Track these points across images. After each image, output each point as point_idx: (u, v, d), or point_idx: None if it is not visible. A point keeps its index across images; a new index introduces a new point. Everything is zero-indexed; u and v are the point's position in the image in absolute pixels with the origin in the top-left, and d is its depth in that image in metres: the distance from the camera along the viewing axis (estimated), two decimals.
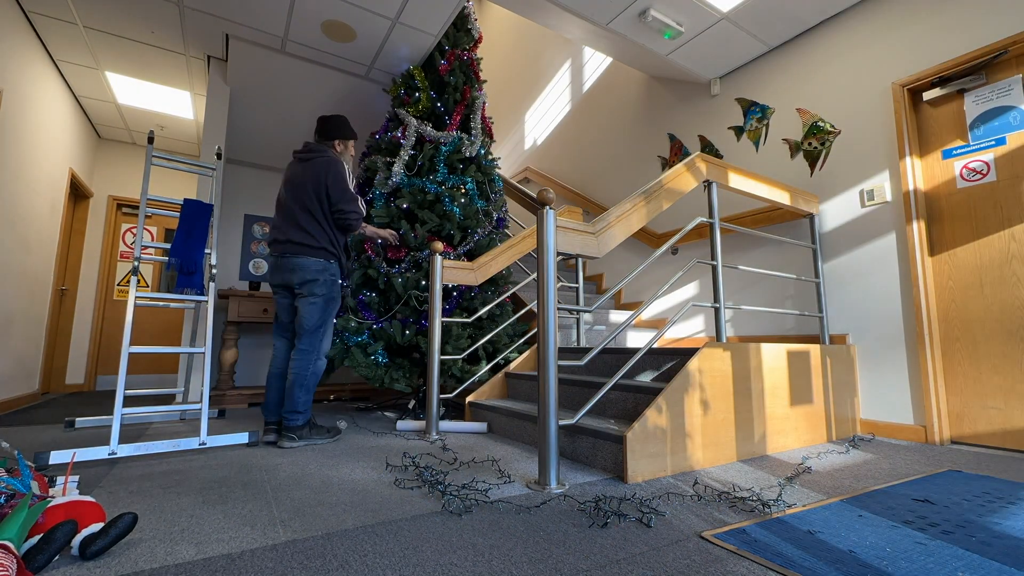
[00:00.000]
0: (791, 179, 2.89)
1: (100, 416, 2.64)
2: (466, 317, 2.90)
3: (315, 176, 2.22)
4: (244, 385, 4.06)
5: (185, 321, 3.21)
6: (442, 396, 2.69)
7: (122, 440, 2.23)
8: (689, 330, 3.37)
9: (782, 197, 2.53)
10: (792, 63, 2.95)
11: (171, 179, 5.30)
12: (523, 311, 3.00)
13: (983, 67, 2.23)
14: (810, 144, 2.80)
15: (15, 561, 0.87)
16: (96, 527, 1.04)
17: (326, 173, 2.21)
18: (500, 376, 2.77)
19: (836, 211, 2.66)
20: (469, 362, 2.92)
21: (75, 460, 1.85)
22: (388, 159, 3.12)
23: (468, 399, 2.67)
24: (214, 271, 2.45)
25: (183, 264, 2.39)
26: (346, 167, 2.29)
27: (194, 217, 2.47)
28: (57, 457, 1.77)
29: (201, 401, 2.35)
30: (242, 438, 2.14)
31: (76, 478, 1.31)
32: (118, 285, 5.02)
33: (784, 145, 2.94)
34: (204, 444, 2.03)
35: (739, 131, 3.21)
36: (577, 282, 3.26)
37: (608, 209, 2.34)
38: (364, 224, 2.61)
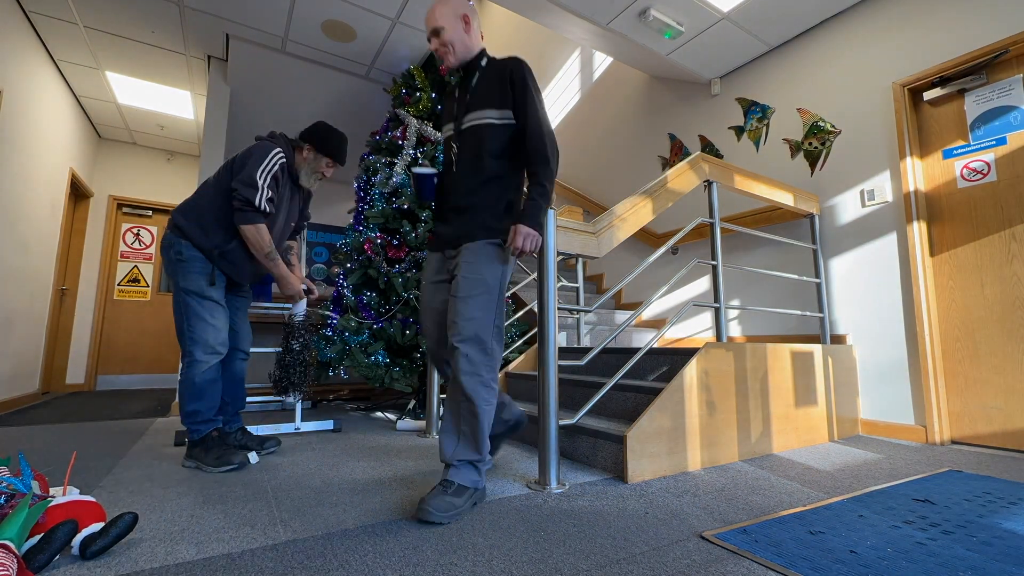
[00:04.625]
0: (791, 179, 2.89)
1: None
2: None
3: (239, 154, 1.88)
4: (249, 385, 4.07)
5: None
6: (442, 396, 2.69)
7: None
8: (691, 330, 3.37)
9: (783, 197, 2.53)
10: (792, 63, 2.94)
11: (171, 180, 5.30)
12: (523, 311, 3.00)
13: (984, 67, 2.22)
14: (810, 144, 2.80)
15: (15, 561, 0.87)
16: (96, 527, 1.04)
17: (245, 152, 1.86)
18: (500, 376, 2.76)
19: (837, 211, 2.66)
20: None
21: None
22: (388, 159, 3.12)
23: None
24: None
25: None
26: (274, 162, 1.84)
27: None
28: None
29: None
30: (328, 424, 2.55)
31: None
32: (118, 285, 5.02)
33: (784, 145, 2.94)
34: (299, 429, 2.46)
35: (739, 131, 3.20)
36: (577, 282, 3.25)
37: (608, 209, 2.34)
38: (259, 238, 1.82)
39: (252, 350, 2.59)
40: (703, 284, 3.33)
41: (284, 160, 1.88)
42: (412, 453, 1.99)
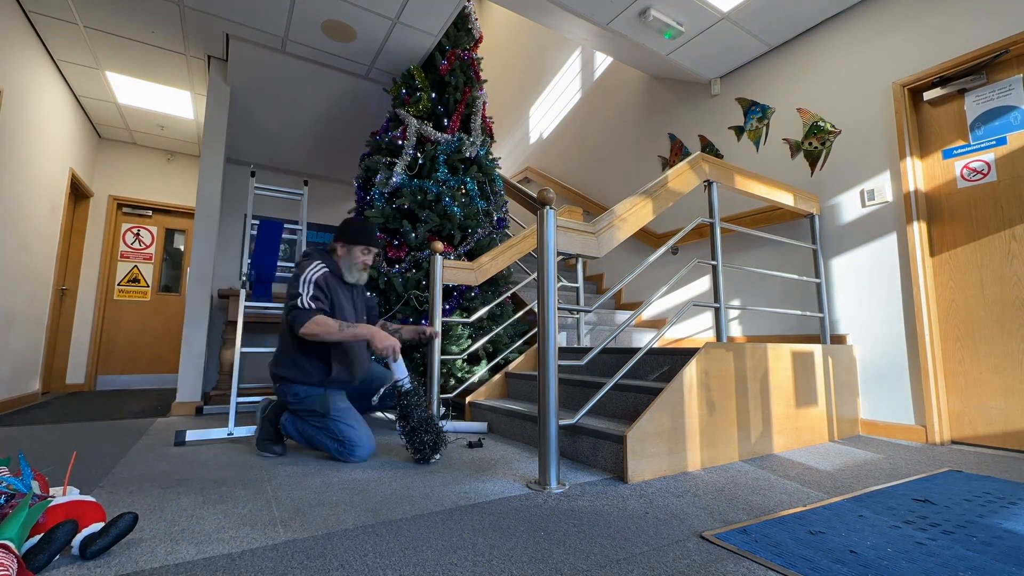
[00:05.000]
0: (791, 179, 2.89)
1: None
2: (466, 317, 2.90)
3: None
4: (244, 385, 4.07)
5: (187, 321, 3.20)
6: (442, 396, 2.69)
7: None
8: (691, 330, 3.37)
9: (783, 197, 2.53)
10: (793, 63, 2.94)
11: (172, 180, 5.30)
12: (523, 311, 3.00)
13: (984, 67, 2.22)
14: (810, 144, 2.80)
15: (16, 561, 0.87)
16: (96, 527, 1.04)
17: (291, 279, 1.98)
18: (500, 376, 2.76)
19: (837, 211, 2.66)
20: (469, 362, 2.92)
21: (202, 438, 2.20)
22: (388, 159, 3.12)
23: (468, 399, 2.67)
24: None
25: (259, 274, 2.70)
26: (314, 271, 1.97)
27: (269, 234, 2.71)
28: (192, 435, 2.19)
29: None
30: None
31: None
32: (118, 285, 5.02)
33: (784, 145, 2.94)
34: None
35: (739, 131, 3.20)
36: (577, 282, 3.26)
37: (608, 209, 2.34)
38: (325, 324, 1.89)
39: (251, 349, 2.67)
40: (703, 284, 3.33)
41: (325, 269, 2.02)
42: None
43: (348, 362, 2.04)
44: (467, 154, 3.13)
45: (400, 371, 1.96)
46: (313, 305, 1.90)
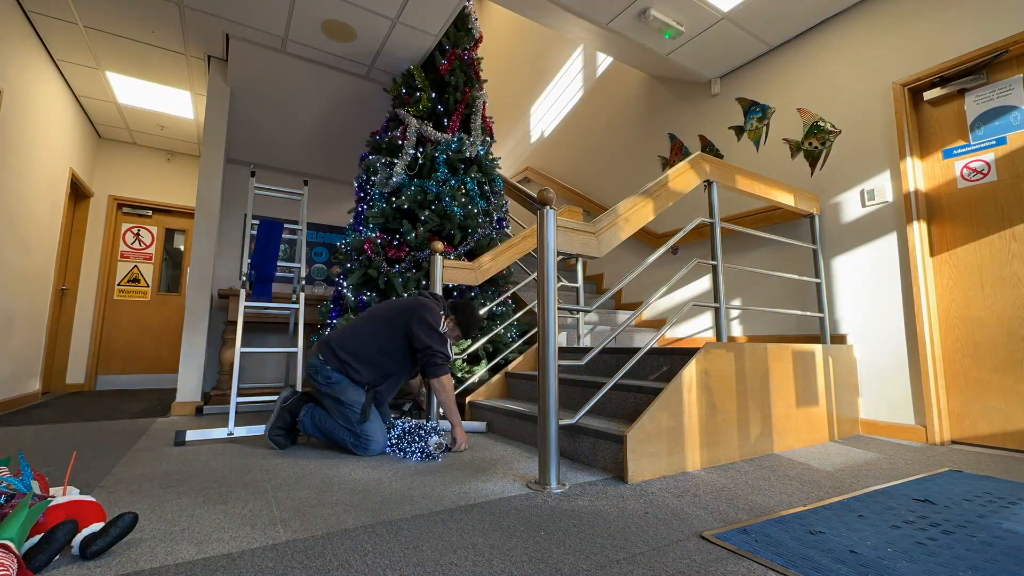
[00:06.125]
0: (792, 179, 2.89)
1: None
2: None
3: (404, 309, 2.10)
4: (244, 385, 4.07)
5: (187, 321, 3.20)
6: None
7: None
8: (691, 330, 3.37)
9: (783, 197, 2.53)
10: (793, 63, 2.94)
11: (171, 180, 5.30)
12: (523, 311, 3.00)
13: (984, 67, 2.22)
14: (811, 144, 2.80)
15: (16, 561, 0.87)
16: (97, 527, 1.04)
17: (419, 313, 2.07)
18: (500, 376, 2.76)
19: (837, 211, 2.66)
20: (469, 362, 2.92)
21: (202, 438, 2.21)
22: (389, 159, 3.12)
23: (468, 399, 2.67)
24: (303, 282, 2.86)
25: (259, 274, 2.72)
26: (441, 327, 2.10)
27: (268, 234, 2.71)
28: (192, 435, 2.19)
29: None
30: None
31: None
32: (118, 285, 5.02)
33: (784, 145, 2.94)
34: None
35: (739, 131, 3.20)
36: (577, 282, 3.26)
37: (608, 209, 2.34)
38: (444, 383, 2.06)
39: (251, 349, 2.67)
40: (703, 284, 3.33)
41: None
42: None
43: (389, 391, 2.16)
44: (467, 154, 3.13)
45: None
46: (451, 355, 2.11)
